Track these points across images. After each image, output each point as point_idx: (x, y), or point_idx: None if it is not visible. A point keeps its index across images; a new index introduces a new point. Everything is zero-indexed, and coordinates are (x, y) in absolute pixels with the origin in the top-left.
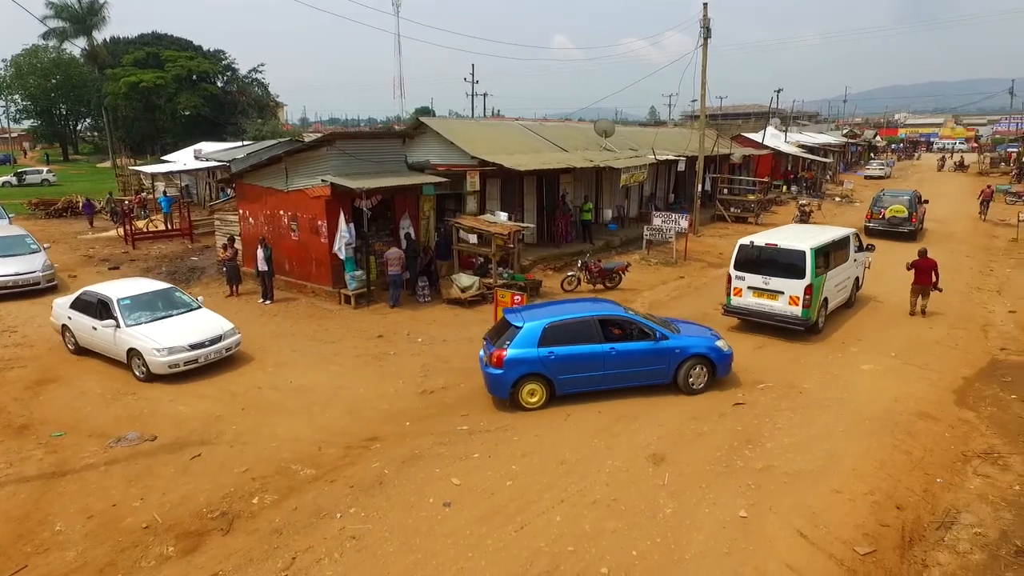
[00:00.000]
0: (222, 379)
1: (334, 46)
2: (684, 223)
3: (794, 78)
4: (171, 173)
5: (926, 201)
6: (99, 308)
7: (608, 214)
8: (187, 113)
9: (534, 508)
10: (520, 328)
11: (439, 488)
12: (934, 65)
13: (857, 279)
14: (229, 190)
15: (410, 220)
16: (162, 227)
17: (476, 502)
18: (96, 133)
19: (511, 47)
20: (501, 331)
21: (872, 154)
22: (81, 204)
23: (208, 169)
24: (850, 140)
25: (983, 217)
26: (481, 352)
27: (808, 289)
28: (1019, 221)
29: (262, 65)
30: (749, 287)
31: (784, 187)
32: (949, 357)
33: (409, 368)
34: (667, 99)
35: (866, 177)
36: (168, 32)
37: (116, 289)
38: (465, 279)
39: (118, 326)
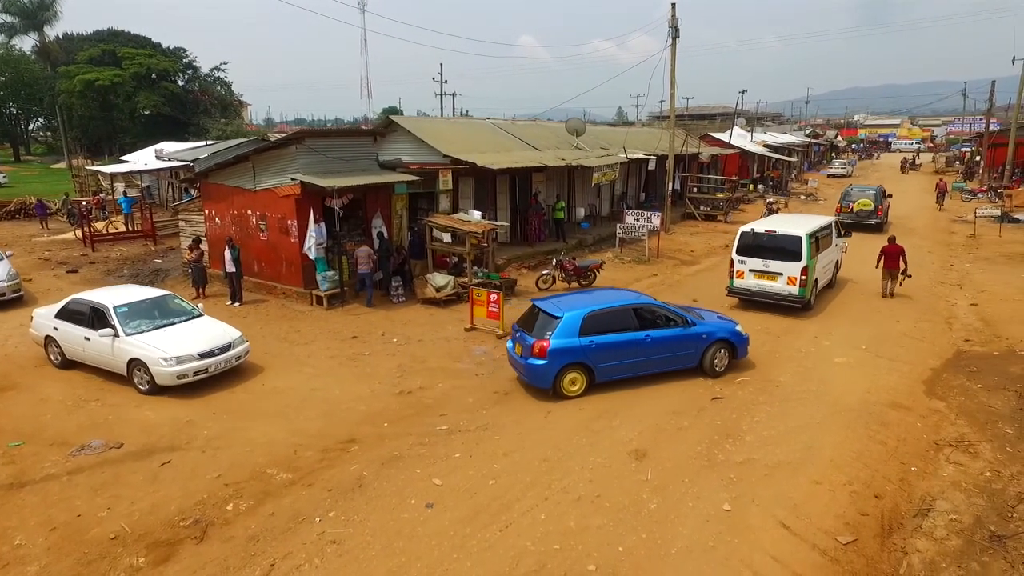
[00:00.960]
0: (191, 384)
1: (299, 45)
2: (656, 221)
3: (757, 80)
4: (131, 173)
5: (890, 195)
6: (92, 317)
7: (580, 213)
8: (147, 112)
9: (518, 507)
10: (560, 318)
11: (421, 489)
12: (890, 68)
13: (837, 262)
14: (193, 190)
15: (382, 219)
16: (123, 228)
17: (459, 502)
18: (50, 133)
19: (480, 45)
20: (534, 321)
21: (834, 154)
22: (33, 205)
23: (170, 169)
24: (813, 140)
25: (940, 207)
26: (510, 344)
27: (804, 270)
28: (976, 218)
29: (225, 64)
30: (751, 270)
31: (751, 186)
32: (917, 349)
33: (385, 368)
34: (635, 100)
35: (829, 176)
36: (125, 29)
37: (110, 296)
38: (440, 278)
39: (116, 335)
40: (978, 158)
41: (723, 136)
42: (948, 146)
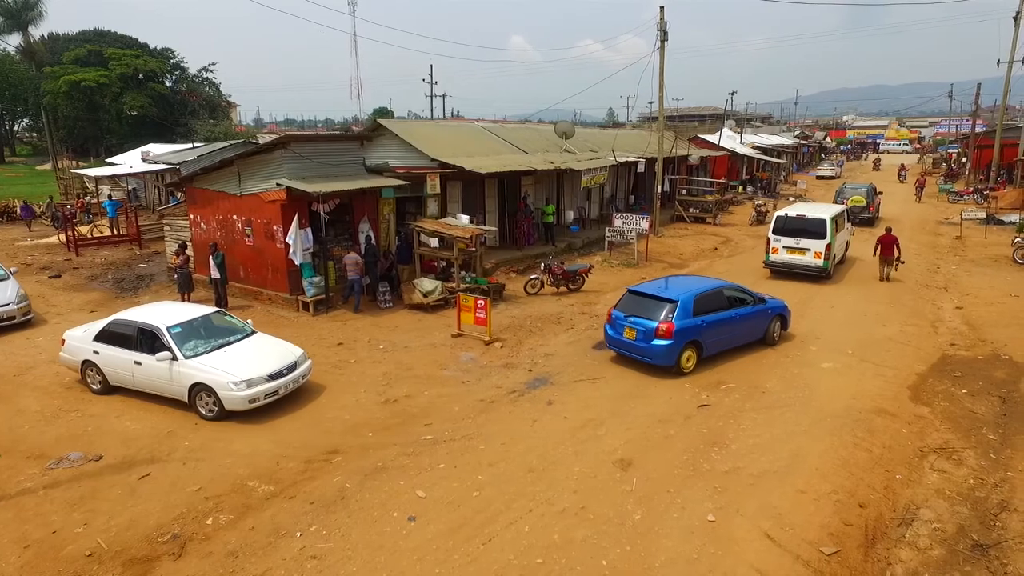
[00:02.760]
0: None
1: (289, 46)
2: (645, 224)
3: (747, 81)
4: (116, 176)
5: (880, 192)
6: (140, 339)
7: (570, 216)
8: (134, 113)
9: (502, 519)
10: (677, 302)
11: (404, 501)
12: (878, 69)
13: (847, 243)
14: (179, 194)
15: (369, 224)
16: (108, 232)
17: (442, 515)
18: (35, 134)
19: (471, 48)
20: (644, 307)
21: (823, 155)
22: (19, 208)
23: (157, 172)
24: (802, 142)
25: (918, 199)
26: (612, 331)
27: (828, 247)
28: (961, 220)
29: (213, 64)
30: (784, 246)
31: (740, 187)
32: (903, 353)
33: (371, 376)
34: (625, 101)
35: (818, 177)
36: (111, 29)
37: (158, 316)
38: (427, 283)
39: (175, 359)
40: (964, 159)
41: (712, 138)
42: (935, 147)
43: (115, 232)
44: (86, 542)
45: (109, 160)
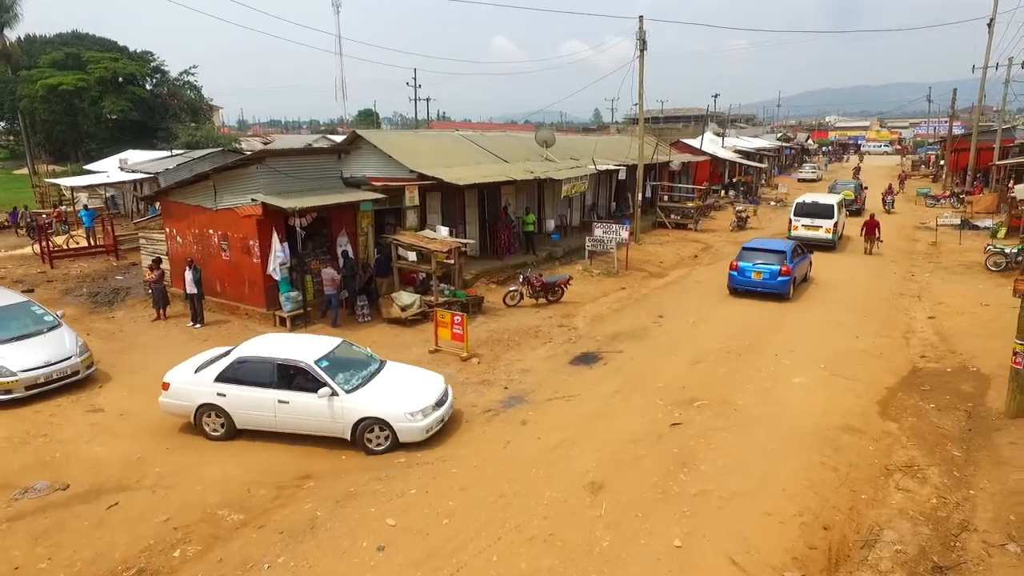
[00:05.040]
0: (144, 414)
1: (273, 46)
2: (624, 234)
3: (730, 81)
4: (94, 187)
5: (866, 187)
6: (281, 377)
7: (551, 224)
8: (113, 117)
9: (471, 547)
10: (785, 251)
11: (374, 530)
12: (859, 70)
13: (844, 223)
14: (156, 205)
15: (348, 237)
16: (84, 243)
17: (411, 544)
18: (12, 138)
19: (456, 50)
20: (763, 256)
21: (805, 156)
22: (6, 215)
23: (135, 181)
24: (784, 144)
25: (887, 211)
26: (736, 275)
27: (835, 224)
28: (937, 226)
29: (195, 67)
30: (803, 225)
31: (722, 192)
32: (874, 367)
33: None
34: (610, 103)
35: (799, 180)
36: (90, 32)
37: (297, 350)
38: (406, 297)
39: (335, 394)
40: (942, 162)
41: (695, 142)
42: (915, 148)
43: (91, 243)
44: None
45: (87, 168)
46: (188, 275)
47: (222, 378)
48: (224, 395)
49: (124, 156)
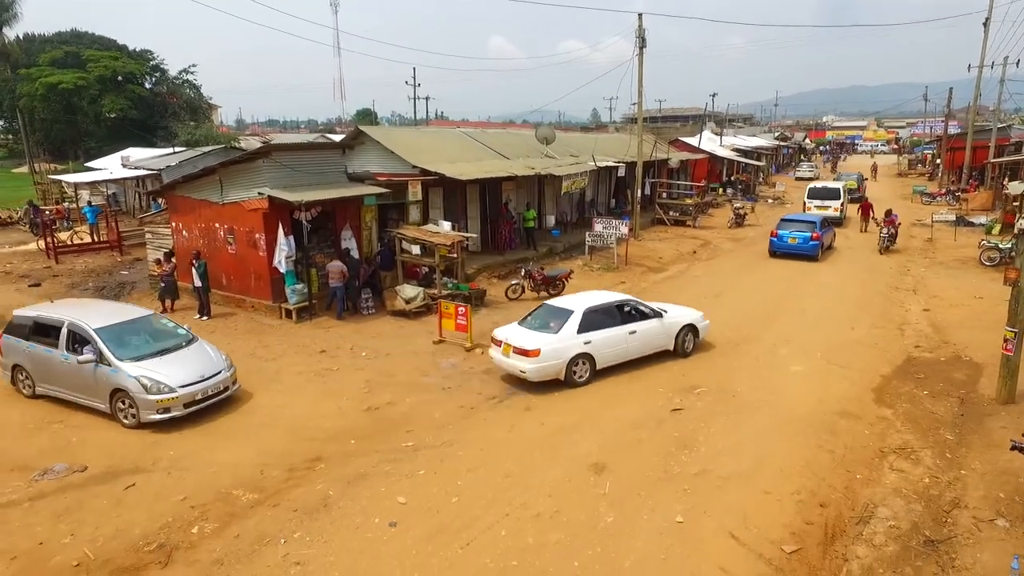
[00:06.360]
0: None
1: (271, 45)
2: (624, 230)
3: (729, 81)
4: (96, 183)
5: (866, 179)
6: (623, 315)
7: (551, 220)
8: (113, 116)
9: (479, 524)
10: (815, 222)
11: (385, 508)
12: (856, 70)
13: (847, 205)
14: (161, 201)
15: (352, 231)
16: (88, 239)
17: (422, 520)
18: (11, 136)
19: (455, 47)
20: (796, 226)
21: (803, 156)
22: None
23: (137, 178)
24: (781, 143)
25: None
26: (775, 240)
27: (842, 204)
28: (932, 223)
29: (194, 66)
30: (815, 206)
31: (720, 189)
32: (869, 356)
33: (353, 384)
34: (608, 103)
35: (797, 179)
36: (89, 30)
37: (604, 295)
38: (409, 290)
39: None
40: (938, 161)
41: (693, 140)
42: (911, 148)
43: (95, 239)
44: (73, 552)
45: (88, 164)
46: (195, 269)
47: (584, 328)
48: (590, 343)
49: (126, 154)
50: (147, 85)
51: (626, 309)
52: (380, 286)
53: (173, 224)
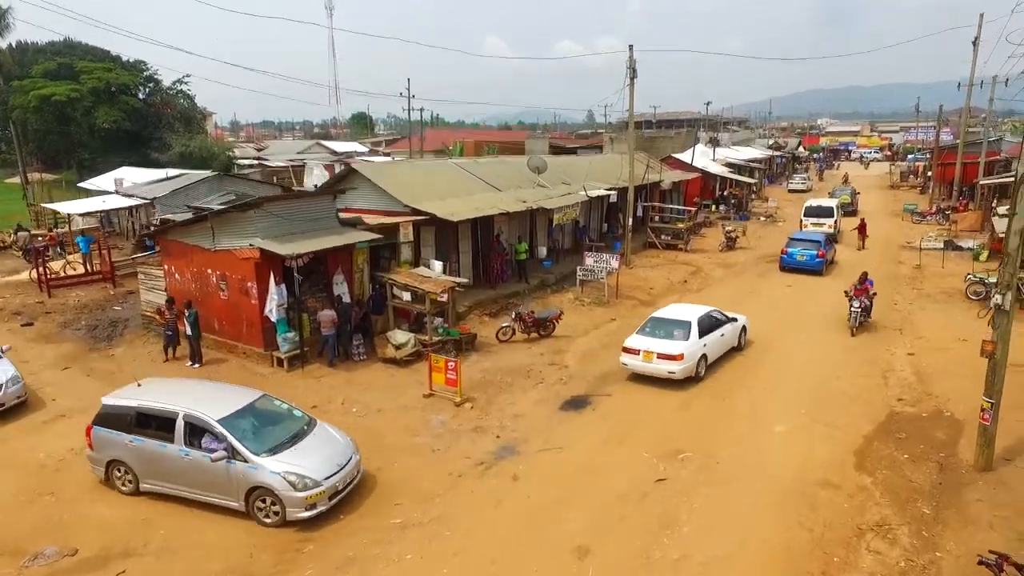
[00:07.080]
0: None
1: (267, 46)
2: (614, 263)
3: (721, 83)
4: (89, 214)
5: (859, 193)
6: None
7: (543, 251)
8: (106, 127)
9: None
10: (820, 240)
11: None
12: (851, 70)
13: (841, 221)
14: (154, 242)
15: (343, 275)
16: (81, 269)
17: None
18: (3, 145)
19: (451, 49)
20: (803, 244)
21: (796, 164)
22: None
23: (131, 208)
24: (775, 152)
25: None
26: (785, 257)
27: (835, 222)
28: (921, 249)
29: (188, 76)
30: (811, 223)
31: (713, 206)
32: (853, 410)
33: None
34: (602, 108)
35: (790, 191)
36: (82, 40)
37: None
38: (400, 336)
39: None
40: (930, 173)
41: (685, 157)
42: (904, 155)
43: (88, 269)
44: None
45: (82, 185)
46: (186, 318)
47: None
48: (706, 344)
49: (119, 176)
50: (141, 96)
51: (715, 316)
52: (372, 330)
53: (166, 267)
